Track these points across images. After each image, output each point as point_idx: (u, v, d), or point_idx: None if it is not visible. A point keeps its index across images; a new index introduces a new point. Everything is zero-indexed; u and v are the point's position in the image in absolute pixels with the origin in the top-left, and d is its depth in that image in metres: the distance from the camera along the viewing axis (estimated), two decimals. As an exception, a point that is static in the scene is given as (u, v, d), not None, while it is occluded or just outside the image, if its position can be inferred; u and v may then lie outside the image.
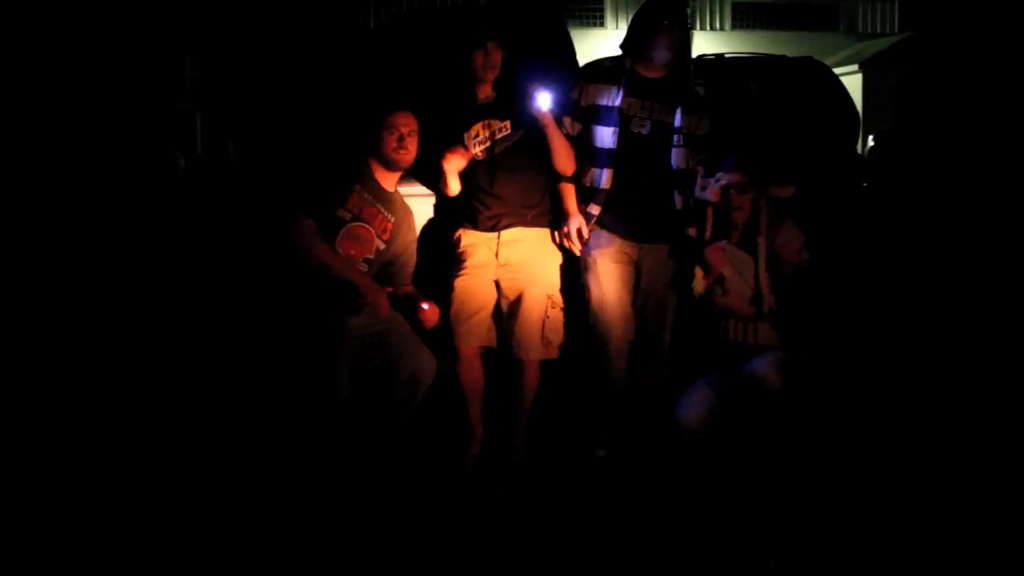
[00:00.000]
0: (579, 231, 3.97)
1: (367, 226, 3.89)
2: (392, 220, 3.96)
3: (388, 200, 3.96)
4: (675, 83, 4.09)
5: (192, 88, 11.51)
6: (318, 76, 4.97)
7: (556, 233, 4.01)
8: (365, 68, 5.85)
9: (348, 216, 3.85)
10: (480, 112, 4.06)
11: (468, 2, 18.44)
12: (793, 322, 3.90)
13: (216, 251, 6.20)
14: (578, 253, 4.01)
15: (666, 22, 3.95)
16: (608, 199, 3.98)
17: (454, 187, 3.96)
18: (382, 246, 3.95)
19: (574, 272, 4.14)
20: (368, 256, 3.90)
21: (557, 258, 4.14)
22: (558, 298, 4.13)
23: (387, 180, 3.96)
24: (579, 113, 4.03)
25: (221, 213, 6.27)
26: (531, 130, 4.00)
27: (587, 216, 4.02)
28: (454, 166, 3.90)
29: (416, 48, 5.21)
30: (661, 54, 4.00)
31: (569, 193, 3.99)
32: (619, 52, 4.12)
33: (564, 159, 4.00)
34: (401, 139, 3.89)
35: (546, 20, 7.28)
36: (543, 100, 3.90)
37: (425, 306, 3.98)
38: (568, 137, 4.00)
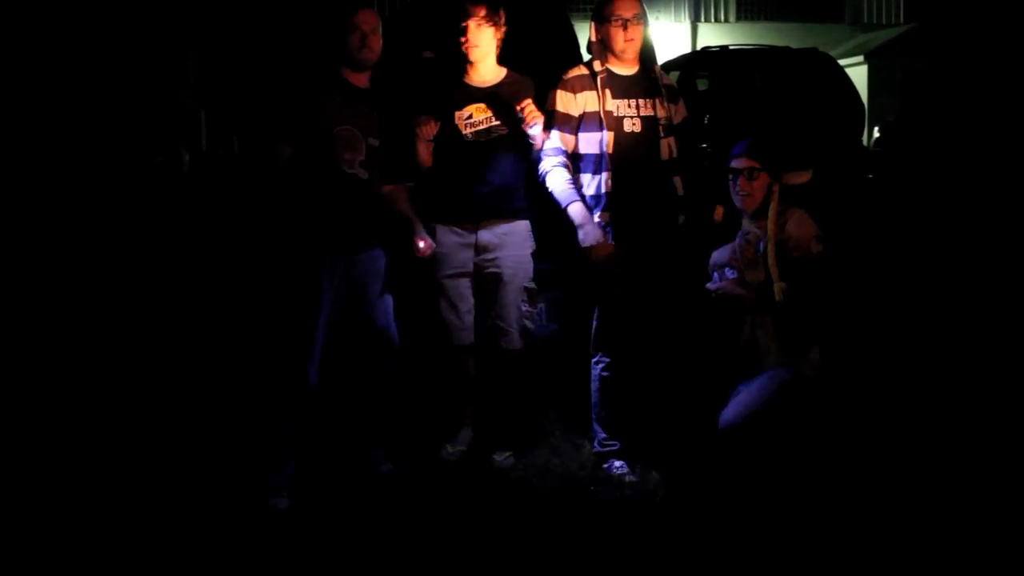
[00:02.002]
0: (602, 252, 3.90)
1: (351, 128, 3.83)
2: (374, 113, 3.90)
3: (365, 95, 3.88)
4: (648, 75, 4.06)
5: (196, 84, 11.54)
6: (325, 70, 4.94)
7: (591, 254, 3.91)
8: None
9: (329, 123, 3.80)
10: (477, 95, 4.03)
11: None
12: (801, 320, 3.81)
13: (221, 245, 6.22)
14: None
15: (627, 16, 3.93)
16: (610, 203, 3.94)
17: (425, 157, 3.93)
18: (376, 142, 3.89)
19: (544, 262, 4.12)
20: (361, 159, 3.84)
21: (531, 248, 4.14)
22: (534, 288, 4.14)
23: (358, 79, 3.90)
24: (569, 126, 3.97)
25: (225, 208, 6.28)
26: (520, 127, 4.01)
27: (599, 225, 3.96)
28: (425, 134, 3.89)
29: (424, 39, 5.19)
30: (630, 48, 3.97)
31: (581, 212, 3.92)
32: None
33: None
34: (364, 37, 3.81)
35: (549, 13, 7.27)
36: (535, 129, 3.91)
37: (421, 244, 3.94)
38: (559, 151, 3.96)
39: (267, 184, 3.83)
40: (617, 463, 4.02)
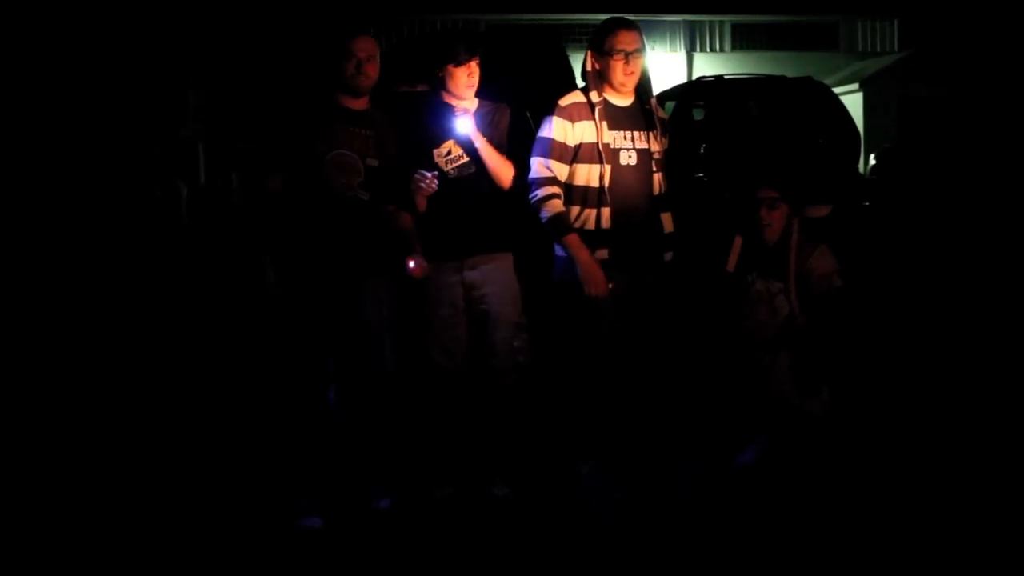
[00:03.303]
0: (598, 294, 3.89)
1: (347, 152, 3.81)
2: (372, 134, 3.88)
3: (361, 118, 3.85)
4: (643, 106, 4.03)
5: (195, 118, 11.59)
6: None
7: (589, 290, 3.91)
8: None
9: (323, 149, 3.78)
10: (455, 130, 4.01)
11: (468, 27, 18.46)
12: (819, 354, 3.78)
13: (219, 280, 6.22)
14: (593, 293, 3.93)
15: (629, 50, 3.91)
16: (609, 239, 3.91)
17: (421, 205, 3.93)
18: (375, 163, 3.83)
19: (539, 291, 4.10)
20: (361, 180, 3.82)
21: (517, 281, 4.12)
22: (523, 322, 4.11)
23: (355, 103, 3.88)
24: (565, 155, 3.94)
25: (224, 242, 6.29)
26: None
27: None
28: (423, 192, 3.88)
29: (418, 74, 5.22)
30: (630, 80, 3.95)
31: (578, 245, 3.89)
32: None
33: (501, 176, 3.99)
34: (359, 64, 3.80)
35: (545, 45, 7.31)
36: (462, 125, 3.89)
37: (411, 264, 3.92)
38: (550, 180, 3.92)
39: (259, 215, 3.83)
40: (616, 492, 3.99)
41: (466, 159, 3.96)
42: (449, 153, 3.95)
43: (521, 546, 3.64)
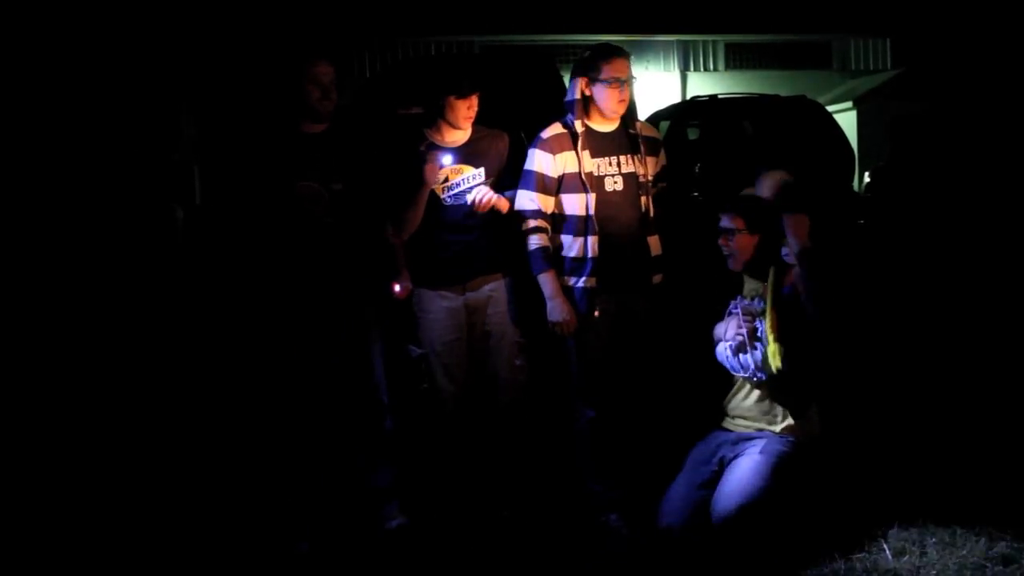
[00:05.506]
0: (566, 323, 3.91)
1: (309, 183, 3.81)
2: (334, 157, 3.84)
3: (323, 142, 3.84)
4: (629, 129, 4.04)
5: (189, 141, 11.59)
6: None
7: (557, 328, 3.93)
8: (360, 119, 5.86)
9: (287, 182, 3.76)
10: (453, 156, 4.02)
11: (463, 50, 18.50)
12: (799, 382, 3.75)
13: (215, 301, 6.21)
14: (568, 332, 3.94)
15: (623, 77, 3.92)
16: (597, 267, 3.92)
17: (417, 217, 3.94)
18: (339, 186, 3.84)
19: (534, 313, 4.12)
20: (326, 206, 3.79)
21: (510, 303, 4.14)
22: (523, 342, 4.13)
23: (316, 128, 3.85)
24: (549, 187, 3.95)
25: (219, 265, 6.28)
26: (498, 180, 4.02)
27: (583, 290, 3.94)
28: (432, 174, 3.90)
29: (416, 97, 5.22)
30: (623, 108, 3.96)
31: (551, 283, 3.93)
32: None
33: (500, 210, 4.04)
34: (325, 90, 3.82)
35: (540, 67, 7.35)
36: (431, 173, 3.92)
37: (397, 288, 3.95)
38: (538, 213, 3.92)
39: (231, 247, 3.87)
40: (613, 516, 3.98)
41: (462, 187, 3.99)
42: (446, 179, 3.97)
43: (521, 569, 3.64)
